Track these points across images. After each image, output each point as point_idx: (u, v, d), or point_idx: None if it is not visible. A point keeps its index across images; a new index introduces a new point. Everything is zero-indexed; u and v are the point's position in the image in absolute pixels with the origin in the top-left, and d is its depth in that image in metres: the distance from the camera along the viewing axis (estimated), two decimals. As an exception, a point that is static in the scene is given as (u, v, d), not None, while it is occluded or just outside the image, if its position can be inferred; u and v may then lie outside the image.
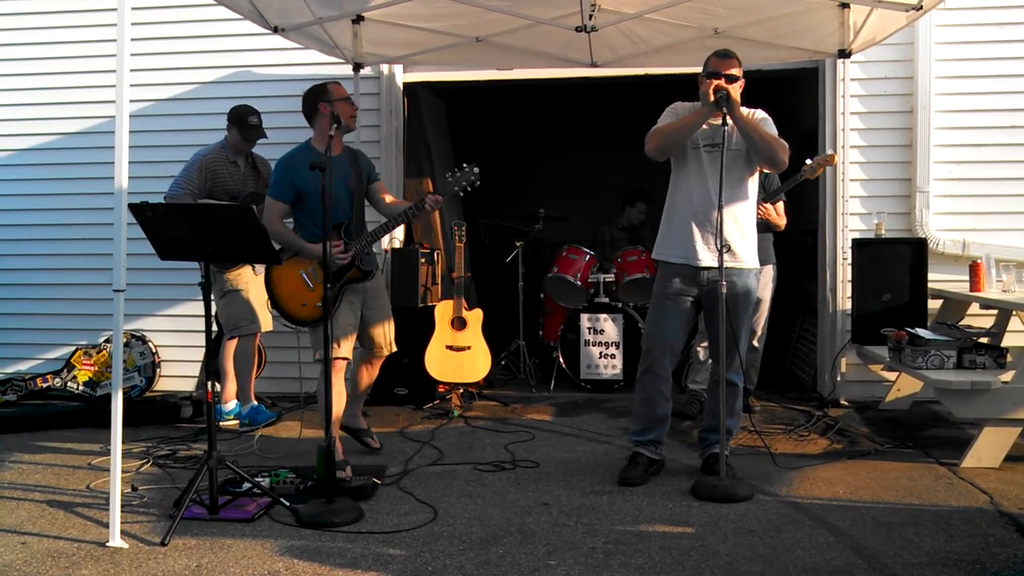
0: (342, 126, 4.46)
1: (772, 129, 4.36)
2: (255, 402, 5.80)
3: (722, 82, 4.21)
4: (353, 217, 4.60)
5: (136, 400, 6.55)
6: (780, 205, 5.60)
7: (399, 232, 6.79)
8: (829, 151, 5.29)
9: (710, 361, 5.68)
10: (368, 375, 4.93)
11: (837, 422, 5.61)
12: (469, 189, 4.65)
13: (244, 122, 5.63)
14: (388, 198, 4.85)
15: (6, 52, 7.18)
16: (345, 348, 4.53)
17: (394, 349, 4.90)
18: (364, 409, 6.02)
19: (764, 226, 5.31)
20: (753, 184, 4.46)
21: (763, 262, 4.92)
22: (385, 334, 4.81)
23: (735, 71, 4.28)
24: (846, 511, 3.93)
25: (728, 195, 4.19)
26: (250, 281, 5.63)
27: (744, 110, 4.32)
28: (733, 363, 4.36)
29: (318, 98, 4.56)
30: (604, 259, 7.25)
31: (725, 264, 4.20)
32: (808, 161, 5.49)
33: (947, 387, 4.62)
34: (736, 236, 4.32)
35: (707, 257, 4.31)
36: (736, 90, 4.25)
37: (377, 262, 4.84)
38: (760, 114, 4.40)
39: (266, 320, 5.76)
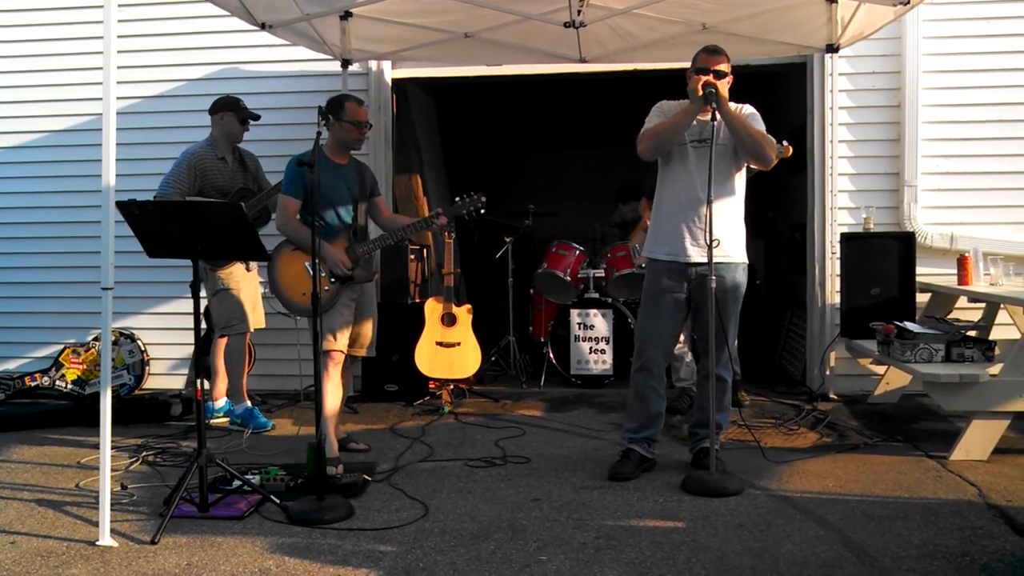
0: (346, 142, 4.71)
1: (760, 125, 4.37)
2: (248, 403, 5.75)
3: (710, 77, 4.22)
4: (357, 221, 4.77)
5: (125, 398, 6.52)
6: None
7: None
8: (785, 143, 5.24)
9: (688, 356, 5.71)
10: (346, 379, 4.94)
11: (826, 416, 5.62)
12: (475, 215, 4.80)
13: (237, 106, 5.60)
14: (386, 212, 5.04)
15: (-8, 49, 7.16)
16: (341, 341, 4.64)
17: (371, 353, 4.96)
18: (354, 406, 6.05)
19: None
20: (740, 179, 4.46)
21: None
22: (367, 333, 4.86)
23: (723, 67, 4.28)
24: (835, 504, 3.94)
25: (715, 190, 4.19)
26: (241, 280, 5.61)
27: (732, 105, 4.33)
28: (722, 357, 4.37)
29: (335, 110, 4.69)
30: (595, 255, 7.25)
31: (713, 259, 4.21)
32: None
33: (935, 380, 4.64)
34: (724, 231, 4.32)
35: (695, 253, 4.31)
36: (724, 86, 4.26)
37: (373, 266, 4.94)
38: (748, 109, 4.40)
39: (257, 318, 5.74)
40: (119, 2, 3.72)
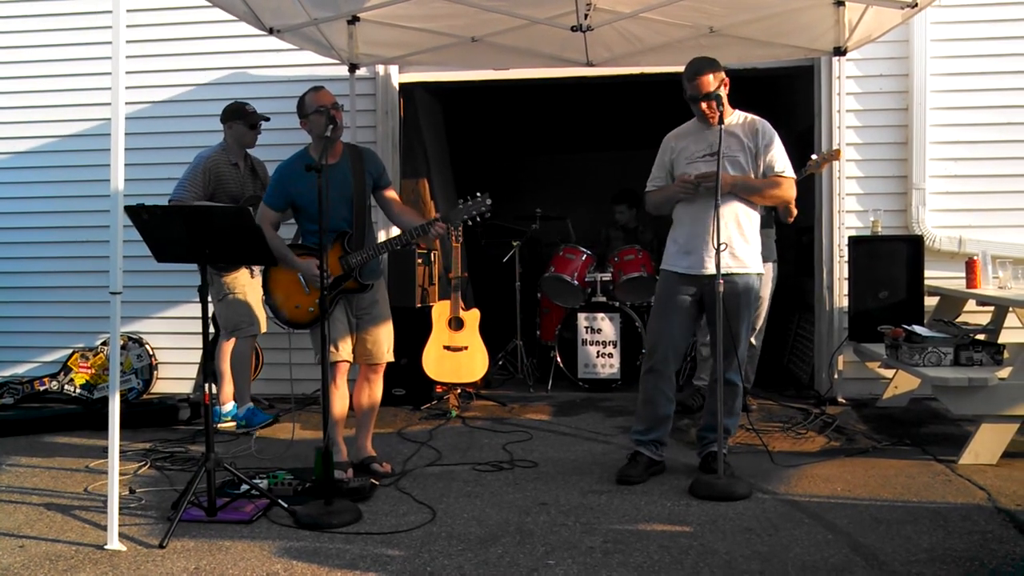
0: (327, 137, 4.31)
1: (773, 139, 4.37)
2: (250, 404, 5.79)
3: (701, 174, 4.30)
4: (354, 226, 4.47)
5: (133, 402, 6.54)
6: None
7: (393, 230, 6.76)
8: (835, 147, 5.21)
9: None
10: (368, 395, 4.69)
11: (835, 420, 5.61)
12: (479, 220, 4.43)
13: (243, 112, 5.64)
14: (397, 206, 4.68)
15: (1, 55, 7.17)
16: (344, 351, 4.50)
17: (389, 359, 4.68)
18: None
19: (766, 222, 5.31)
20: None
21: (764, 259, 4.91)
22: (376, 342, 4.59)
23: (712, 83, 4.27)
24: (844, 509, 3.93)
25: (728, 199, 4.22)
26: (247, 284, 5.63)
27: (740, 116, 4.42)
28: (732, 362, 4.36)
29: (300, 110, 4.47)
30: (602, 258, 7.24)
31: (728, 269, 4.21)
32: (813, 156, 5.51)
33: (944, 384, 4.62)
34: (738, 240, 4.33)
35: (711, 266, 4.25)
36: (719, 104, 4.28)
37: (380, 271, 4.69)
38: (760, 124, 4.39)
39: (262, 321, 5.75)
40: (127, 7, 3.74)
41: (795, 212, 5.27)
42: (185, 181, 5.49)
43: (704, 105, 4.30)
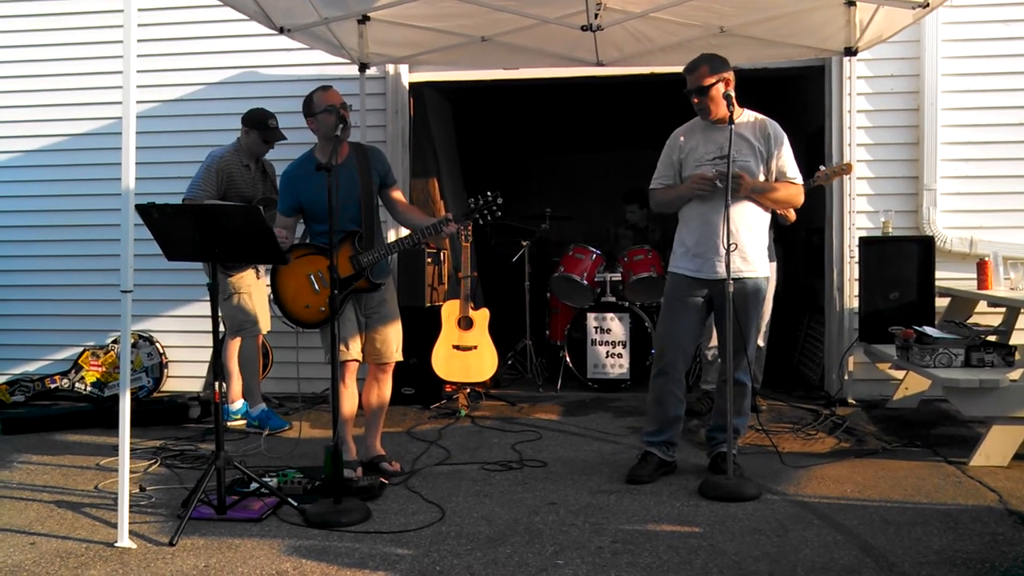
0: (338, 136, 4.23)
1: (783, 145, 4.36)
2: (264, 405, 5.78)
3: (717, 173, 4.25)
4: (363, 225, 4.47)
5: (144, 400, 6.56)
6: None
7: (403, 230, 6.75)
8: (846, 160, 5.19)
9: (719, 360, 5.69)
10: (377, 394, 4.69)
11: (845, 421, 5.59)
12: (490, 218, 4.40)
13: (264, 125, 5.62)
14: (402, 205, 4.69)
15: (13, 54, 7.21)
16: (353, 350, 4.51)
17: (398, 358, 4.67)
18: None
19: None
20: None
21: None
22: (385, 341, 4.59)
23: (707, 78, 4.27)
24: (854, 510, 3.92)
25: (740, 200, 4.21)
26: (253, 285, 5.64)
27: (750, 115, 4.39)
28: (741, 362, 4.36)
29: (307, 109, 4.47)
30: (611, 257, 7.24)
31: (739, 273, 4.20)
32: (822, 167, 5.48)
33: (955, 385, 4.60)
34: (749, 242, 4.31)
35: (722, 270, 4.23)
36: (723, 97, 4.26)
37: (389, 270, 4.69)
38: (772, 127, 4.37)
39: (264, 323, 5.76)
40: (138, 6, 3.75)
41: (793, 217, 5.27)
42: (199, 179, 5.50)
43: (695, 100, 4.30)
